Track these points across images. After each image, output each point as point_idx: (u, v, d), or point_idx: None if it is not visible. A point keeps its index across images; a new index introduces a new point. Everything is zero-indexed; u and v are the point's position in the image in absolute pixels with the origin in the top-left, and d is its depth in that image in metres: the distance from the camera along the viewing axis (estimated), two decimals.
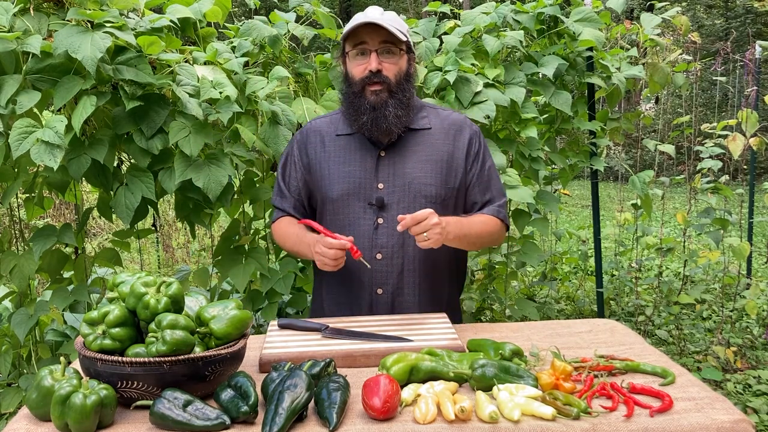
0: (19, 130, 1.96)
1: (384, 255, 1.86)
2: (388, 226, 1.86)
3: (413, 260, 1.87)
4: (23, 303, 2.53)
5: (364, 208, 1.87)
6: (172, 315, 1.29)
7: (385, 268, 1.87)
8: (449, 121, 1.95)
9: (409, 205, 1.86)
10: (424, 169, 1.88)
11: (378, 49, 1.81)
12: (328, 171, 1.91)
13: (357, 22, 1.79)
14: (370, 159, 1.89)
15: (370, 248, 1.85)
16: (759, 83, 5.07)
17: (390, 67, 1.82)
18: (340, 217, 1.89)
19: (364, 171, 1.89)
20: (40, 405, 1.24)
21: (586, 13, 2.89)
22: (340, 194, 1.88)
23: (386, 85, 1.82)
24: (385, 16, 1.82)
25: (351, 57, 1.85)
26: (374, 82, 1.81)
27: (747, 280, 4.55)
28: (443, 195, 1.89)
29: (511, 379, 1.33)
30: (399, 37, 1.80)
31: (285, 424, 1.16)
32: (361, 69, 1.82)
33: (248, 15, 6.32)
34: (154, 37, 2.13)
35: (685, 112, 4.93)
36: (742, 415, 1.23)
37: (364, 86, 1.83)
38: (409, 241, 1.86)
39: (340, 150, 1.92)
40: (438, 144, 1.91)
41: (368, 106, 1.82)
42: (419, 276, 1.89)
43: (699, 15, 16.47)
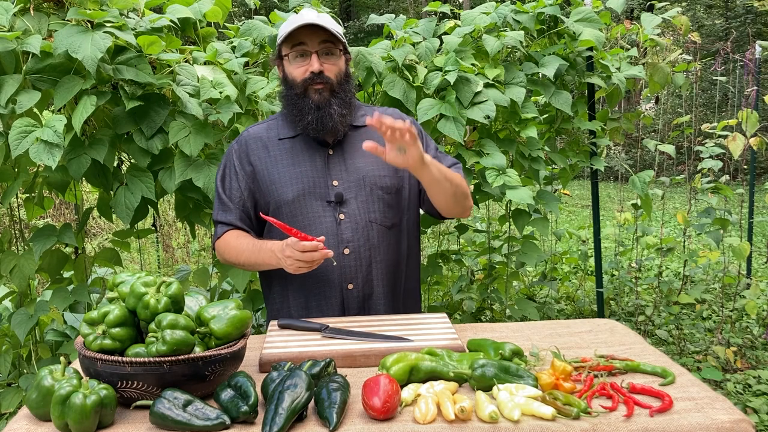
0: (18, 130, 1.96)
1: (351, 249, 1.85)
2: (350, 221, 1.86)
3: (379, 251, 1.88)
4: (23, 303, 2.53)
5: (323, 206, 1.86)
6: (172, 315, 1.29)
7: (354, 263, 1.86)
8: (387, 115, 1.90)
9: (367, 199, 1.87)
10: (374, 162, 1.88)
11: (318, 50, 1.80)
12: (278, 174, 1.88)
13: (295, 24, 1.77)
14: (319, 158, 1.88)
15: (336, 244, 1.84)
16: (759, 83, 5.07)
17: (331, 67, 1.82)
18: (299, 218, 1.86)
19: (315, 170, 1.87)
20: (40, 405, 1.24)
21: (586, 13, 2.89)
22: (296, 195, 1.86)
23: (328, 84, 1.82)
24: (322, 17, 1.80)
25: (290, 59, 1.83)
26: (317, 82, 1.80)
27: (747, 280, 4.55)
28: (397, 184, 1.91)
29: (511, 379, 1.33)
30: (338, 38, 1.81)
31: (285, 424, 1.16)
32: (302, 70, 1.81)
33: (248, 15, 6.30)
34: (154, 37, 2.13)
35: (685, 112, 4.93)
36: (742, 415, 1.22)
37: (306, 87, 1.81)
38: (372, 233, 1.87)
39: (286, 153, 1.90)
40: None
41: (312, 106, 1.81)
42: (385, 267, 1.90)
43: (699, 15, 16.47)
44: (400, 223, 1.95)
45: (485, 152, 2.67)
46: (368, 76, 2.62)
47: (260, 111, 2.45)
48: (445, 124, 2.53)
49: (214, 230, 1.96)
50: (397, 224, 1.94)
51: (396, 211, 1.92)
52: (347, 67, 1.89)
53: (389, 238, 1.91)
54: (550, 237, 4.71)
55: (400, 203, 1.94)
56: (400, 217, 1.94)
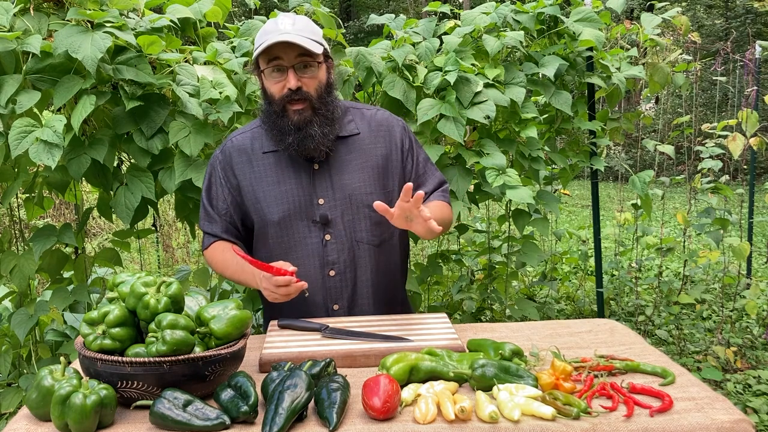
0: (18, 130, 1.96)
1: (337, 271, 1.82)
2: (336, 242, 1.81)
3: (366, 271, 1.84)
4: (23, 303, 2.53)
5: (308, 226, 1.81)
6: (172, 315, 1.29)
7: (339, 284, 1.83)
8: (376, 122, 1.88)
9: (353, 218, 1.81)
10: (361, 178, 1.82)
11: (295, 65, 1.70)
12: (263, 193, 1.82)
13: (268, 37, 1.67)
14: (304, 174, 1.81)
15: (321, 266, 1.81)
16: (759, 83, 5.08)
17: (309, 81, 1.72)
18: (286, 239, 1.82)
19: (300, 188, 1.81)
20: (40, 405, 1.24)
21: (586, 13, 2.89)
22: (281, 216, 1.80)
23: (308, 102, 1.73)
24: (298, 25, 1.70)
25: (266, 74, 1.74)
26: (295, 100, 1.72)
27: (747, 280, 4.55)
28: (385, 200, 1.81)
29: (511, 379, 1.33)
30: (314, 50, 1.69)
31: (285, 424, 1.16)
32: (280, 87, 1.72)
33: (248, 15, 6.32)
34: (154, 37, 2.13)
35: (685, 112, 4.93)
36: (742, 415, 1.22)
37: (284, 105, 1.73)
38: (359, 253, 1.83)
39: (271, 169, 1.83)
40: (370, 149, 1.85)
41: (292, 127, 1.73)
42: (372, 285, 1.86)
43: (699, 15, 16.47)
44: (390, 239, 1.90)
45: (485, 152, 2.67)
46: (368, 76, 2.62)
47: (260, 111, 2.45)
48: (445, 124, 2.53)
49: (203, 238, 1.93)
50: (387, 240, 1.88)
51: (385, 227, 1.84)
52: (329, 76, 1.79)
53: (377, 256, 1.86)
54: (550, 237, 4.70)
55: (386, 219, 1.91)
56: (390, 233, 1.89)
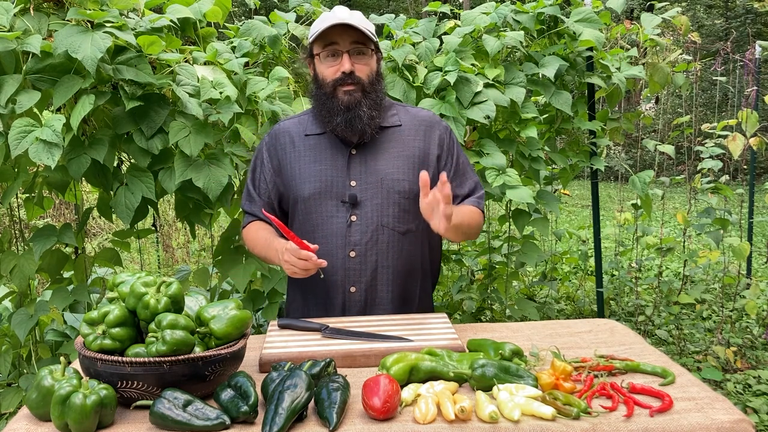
0: (17, 130, 1.96)
1: (357, 252, 1.85)
2: (361, 223, 1.84)
3: (387, 257, 1.87)
4: (23, 303, 2.53)
5: (336, 206, 1.85)
6: (172, 315, 1.29)
7: (358, 266, 1.85)
8: (419, 119, 1.94)
9: (382, 202, 1.85)
10: (396, 165, 1.87)
11: (350, 50, 1.78)
12: (299, 170, 1.89)
13: (327, 23, 1.76)
14: (341, 157, 1.87)
15: (343, 246, 1.84)
16: (759, 83, 5.07)
17: (362, 67, 1.81)
18: (313, 216, 1.87)
19: (335, 169, 1.86)
20: (40, 405, 1.24)
21: (586, 13, 2.89)
22: (312, 193, 1.86)
23: (359, 85, 1.80)
24: (354, 16, 1.79)
25: (321, 58, 1.82)
26: (347, 83, 1.79)
27: (747, 280, 4.55)
28: (416, 190, 1.84)
29: (511, 379, 1.33)
30: (370, 37, 1.79)
31: (285, 424, 1.16)
32: (333, 70, 1.80)
33: (248, 15, 6.32)
34: (154, 37, 2.13)
35: (685, 112, 4.93)
36: (742, 415, 1.23)
37: (335, 87, 1.80)
38: (382, 237, 1.85)
39: (310, 149, 1.90)
40: (409, 140, 1.90)
41: (342, 107, 1.80)
42: (392, 273, 1.88)
43: (699, 15, 16.47)
44: (417, 230, 1.91)
45: (485, 152, 2.67)
46: None
47: (260, 111, 2.45)
48: None
49: (243, 218, 2.01)
50: (413, 230, 1.90)
51: (412, 216, 1.88)
52: (379, 67, 1.88)
53: (401, 243, 1.88)
54: (550, 237, 4.70)
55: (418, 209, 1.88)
56: (416, 224, 1.90)
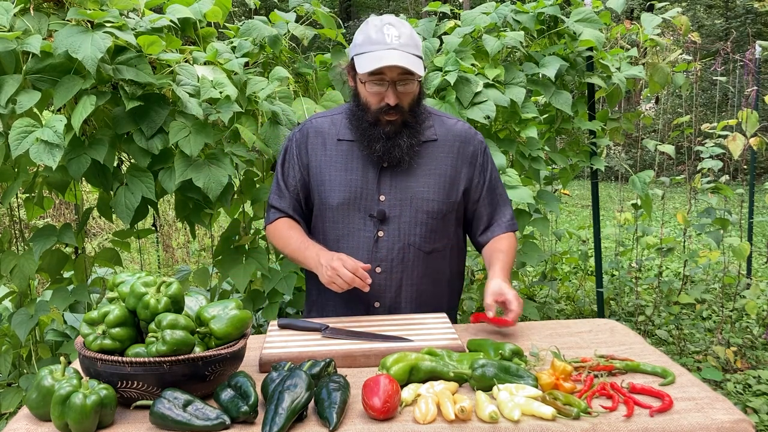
0: (18, 130, 1.96)
1: (383, 269, 1.84)
2: (388, 239, 1.83)
3: (412, 275, 1.85)
4: (23, 303, 2.53)
5: (364, 219, 1.83)
6: (172, 315, 1.29)
7: (384, 282, 1.84)
8: (454, 132, 1.91)
9: (410, 220, 1.83)
10: (426, 183, 1.84)
11: (396, 81, 1.73)
12: (329, 176, 1.86)
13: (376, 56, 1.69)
14: (372, 169, 1.84)
15: (369, 261, 1.81)
16: (759, 83, 5.07)
17: (405, 97, 1.77)
18: (339, 227, 1.85)
19: (366, 181, 1.84)
20: (40, 405, 1.24)
21: (586, 13, 2.90)
22: (340, 202, 1.84)
23: (401, 114, 1.77)
24: (403, 39, 1.72)
25: (366, 83, 1.76)
26: (390, 113, 1.76)
27: (747, 280, 4.55)
28: (444, 210, 1.86)
29: (511, 379, 1.33)
30: (418, 73, 1.72)
31: (285, 424, 1.16)
32: (377, 99, 1.76)
33: (248, 15, 6.32)
34: (154, 37, 2.13)
35: (685, 112, 4.94)
36: (742, 415, 1.23)
37: (378, 116, 1.77)
38: (408, 256, 1.84)
39: (342, 156, 1.87)
40: (442, 157, 1.87)
41: (383, 136, 1.78)
42: (417, 290, 1.87)
43: (699, 15, 16.47)
44: (443, 249, 1.91)
45: None
46: None
47: (260, 111, 2.45)
48: None
49: (266, 213, 1.98)
50: (439, 249, 1.89)
51: (439, 236, 1.88)
52: (421, 87, 1.83)
53: (426, 262, 1.87)
54: (550, 237, 4.70)
55: (446, 229, 1.89)
56: (444, 243, 1.90)
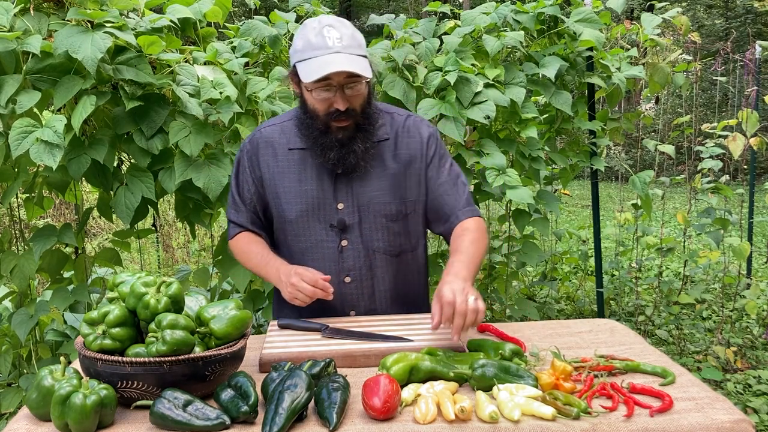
0: (18, 130, 1.96)
1: (353, 278, 1.80)
2: (353, 248, 1.79)
3: (383, 280, 1.82)
4: (23, 303, 2.53)
5: (325, 230, 1.78)
6: (172, 315, 1.29)
7: (355, 291, 1.81)
8: (405, 129, 1.84)
9: (371, 226, 1.79)
10: (381, 187, 1.78)
11: (344, 84, 1.64)
12: (283, 188, 1.80)
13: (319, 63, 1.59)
14: (327, 177, 1.77)
15: (337, 272, 1.78)
16: (759, 83, 5.07)
17: (355, 99, 1.68)
18: (302, 240, 1.81)
19: (321, 191, 1.78)
20: (40, 405, 1.24)
21: (586, 13, 2.90)
22: (298, 215, 1.79)
23: (353, 118, 1.69)
24: (345, 41, 1.62)
25: (312, 90, 1.67)
26: (341, 118, 1.67)
27: (747, 280, 4.55)
28: (404, 211, 1.81)
29: (511, 379, 1.33)
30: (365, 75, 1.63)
31: (285, 424, 1.16)
32: (326, 105, 1.67)
33: (248, 15, 6.32)
34: (154, 37, 2.13)
35: (685, 112, 4.93)
36: (742, 415, 1.22)
37: (329, 122, 1.69)
38: (375, 262, 1.80)
39: (294, 166, 1.80)
40: (394, 156, 1.81)
41: (336, 143, 1.70)
42: (391, 294, 1.84)
43: (699, 15, 16.47)
44: (412, 249, 1.87)
45: (485, 152, 2.67)
46: None
47: (260, 111, 2.45)
48: (445, 124, 2.53)
49: (228, 227, 1.93)
50: (408, 250, 1.86)
51: (405, 237, 1.83)
52: (371, 88, 1.74)
53: (396, 265, 1.83)
54: (550, 237, 4.70)
55: (411, 228, 1.85)
56: (412, 243, 1.86)
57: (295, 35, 1.69)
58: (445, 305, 1.43)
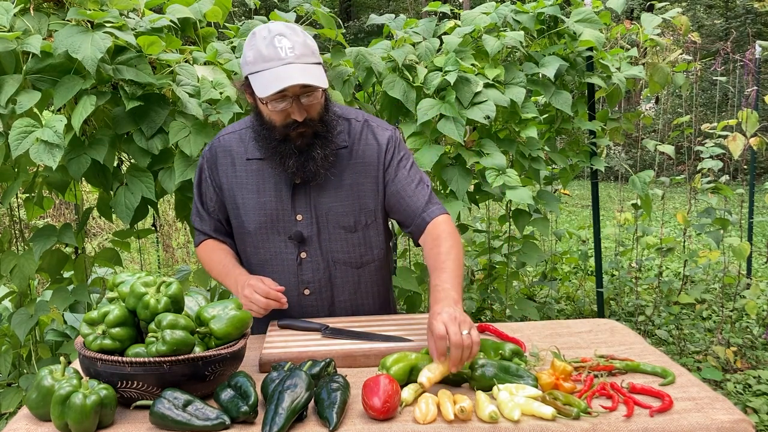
0: (18, 130, 1.96)
1: (312, 290, 1.79)
2: (312, 260, 1.77)
3: (343, 292, 1.82)
4: (23, 303, 2.53)
5: (285, 242, 1.77)
6: (172, 315, 1.29)
7: (314, 303, 1.80)
8: (362, 137, 1.79)
9: (329, 237, 1.77)
10: (338, 197, 1.75)
11: (299, 94, 1.60)
12: (242, 200, 1.77)
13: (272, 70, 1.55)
14: (285, 188, 1.75)
15: (296, 284, 1.78)
16: (759, 83, 5.07)
17: (312, 108, 1.64)
18: (261, 252, 1.79)
19: (279, 202, 1.75)
20: (40, 405, 1.24)
21: (586, 13, 2.90)
22: (257, 227, 1.77)
23: (311, 128, 1.65)
24: (297, 50, 1.57)
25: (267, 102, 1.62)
26: (298, 128, 1.64)
27: (747, 280, 4.56)
28: (363, 221, 1.78)
29: (511, 379, 1.33)
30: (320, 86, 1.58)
31: (285, 424, 1.16)
32: (282, 116, 1.63)
33: (248, 15, 6.30)
34: (154, 37, 2.13)
35: (685, 112, 4.93)
36: (742, 415, 1.23)
37: (287, 132, 1.65)
38: (336, 273, 1.80)
39: (252, 177, 1.77)
40: (351, 164, 1.77)
41: (295, 151, 1.66)
42: (352, 306, 1.84)
43: (699, 15, 16.47)
44: (375, 260, 1.84)
45: (485, 152, 2.67)
46: (368, 76, 2.62)
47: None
48: (445, 124, 2.53)
49: (195, 235, 1.91)
50: (370, 261, 1.83)
51: (366, 248, 1.81)
52: (326, 94, 1.70)
53: (358, 277, 1.82)
54: (550, 237, 4.71)
55: (373, 238, 1.82)
56: (375, 254, 1.83)
57: (245, 45, 1.64)
58: (438, 340, 1.34)
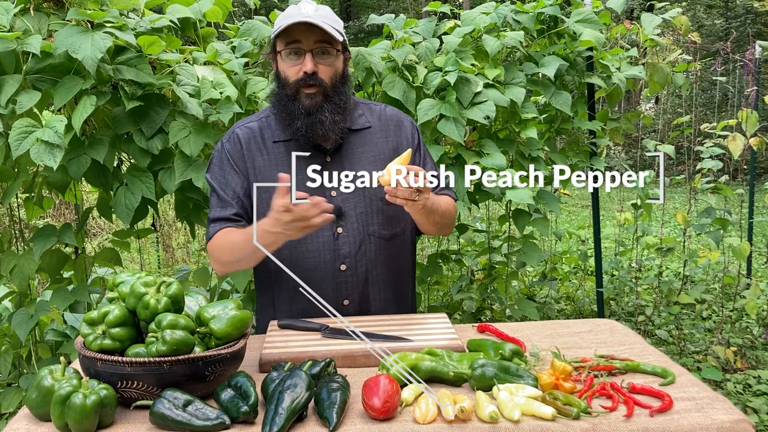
0: (18, 130, 1.96)
1: (348, 265, 1.81)
2: (348, 234, 1.80)
3: (376, 265, 1.83)
4: (23, 303, 2.53)
5: None
6: (172, 315, 1.29)
7: (350, 278, 1.81)
8: (386, 117, 1.89)
9: (366, 210, 1.81)
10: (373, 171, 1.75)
11: (313, 50, 1.69)
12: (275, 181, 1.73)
13: (290, 19, 1.66)
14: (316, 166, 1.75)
15: (333, 260, 1.79)
16: (759, 83, 5.08)
17: (325, 68, 1.71)
18: None
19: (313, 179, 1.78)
20: (40, 405, 1.24)
21: (586, 13, 2.90)
22: None
23: (321, 88, 1.71)
24: (320, 12, 1.69)
25: (284, 56, 1.73)
26: (309, 84, 1.70)
27: (747, 280, 4.55)
28: None
29: (511, 379, 1.33)
30: (335, 37, 1.69)
31: (285, 424, 1.16)
32: (295, 70, 1.71)
33: (248, 15, 6.32)
34: (154, 37, 2.13)
35: (685, 112, 4.93)
36: (742, 415, 1.23)
37: (298, 89, 1.72)
38: (369, 246, 1.81)
39: (282, 158, 1.80)
40: (381, 142, 1.85)
41: (303, 111, 1.71)
42: (383, 280, 1.85)
43: (699, 15, 16.48)
44: (402, 233, 1.89)
45: (485, 152, 2.67)
46: (368, 76, 2.62)
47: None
48: (445, 124, 2.53)
49: (207, 232, 1.85)
50: (399, 234, 1.88)
51: (396, 221, 1.86)
52: (345, 67, 1.78)
53: (388, 250, 1.85)
54: (550, 237, 4.70)
55: (400, 211, 1.83)
56: (401, 227, 1.88)
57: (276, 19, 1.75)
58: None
